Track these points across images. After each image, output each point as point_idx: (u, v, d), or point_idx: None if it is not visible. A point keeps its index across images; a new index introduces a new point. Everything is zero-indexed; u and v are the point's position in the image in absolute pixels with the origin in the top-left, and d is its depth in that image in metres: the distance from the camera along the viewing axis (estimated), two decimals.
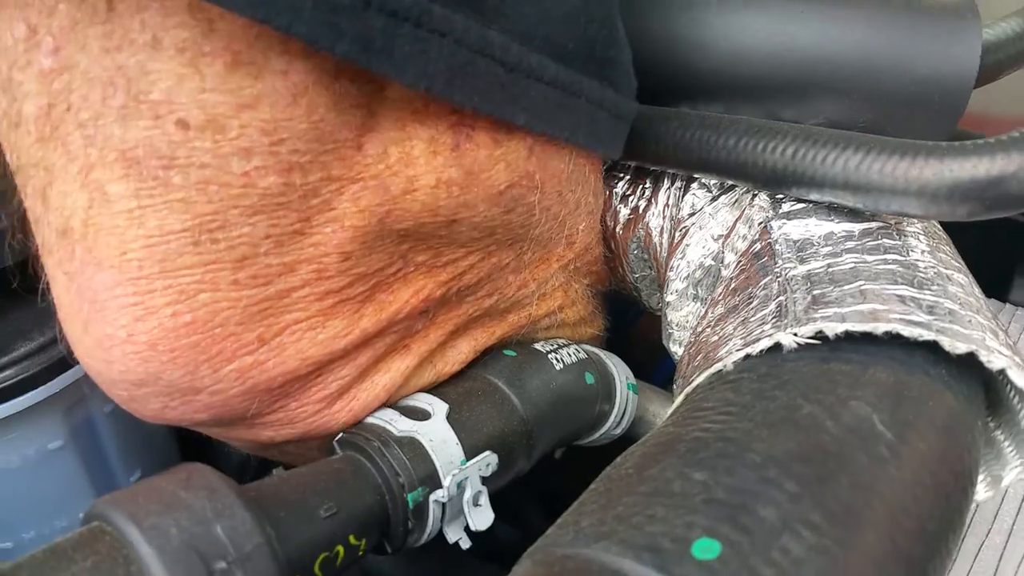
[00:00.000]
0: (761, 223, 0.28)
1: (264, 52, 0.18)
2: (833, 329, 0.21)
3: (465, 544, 0.26)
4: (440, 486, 0.25)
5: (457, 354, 0.30)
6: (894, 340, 0.21)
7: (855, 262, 0.24)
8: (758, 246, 0.27)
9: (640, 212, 0.34)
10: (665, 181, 0.33)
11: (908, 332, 0.20)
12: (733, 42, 0.29)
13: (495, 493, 0.27)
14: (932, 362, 0.21)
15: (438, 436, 0.26)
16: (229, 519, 0.19)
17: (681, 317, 0.32)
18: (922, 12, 0.27)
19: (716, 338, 0.25)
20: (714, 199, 0.31)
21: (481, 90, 0.20)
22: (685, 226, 0.32)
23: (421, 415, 0.27)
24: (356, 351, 0.25)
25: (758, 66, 0.29)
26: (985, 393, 0.23)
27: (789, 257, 0.25)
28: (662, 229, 0.33)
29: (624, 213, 0.34)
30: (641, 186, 0.34)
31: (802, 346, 0.21)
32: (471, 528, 0.26)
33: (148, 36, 0.18)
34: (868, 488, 0.17)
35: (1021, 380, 0.20)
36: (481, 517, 0.26)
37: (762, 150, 0.26)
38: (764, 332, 0.22)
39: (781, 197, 0.28)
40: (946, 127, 0.28)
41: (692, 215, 0.31)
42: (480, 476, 0.26)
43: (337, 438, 0.26)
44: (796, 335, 0.21)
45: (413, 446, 0.25)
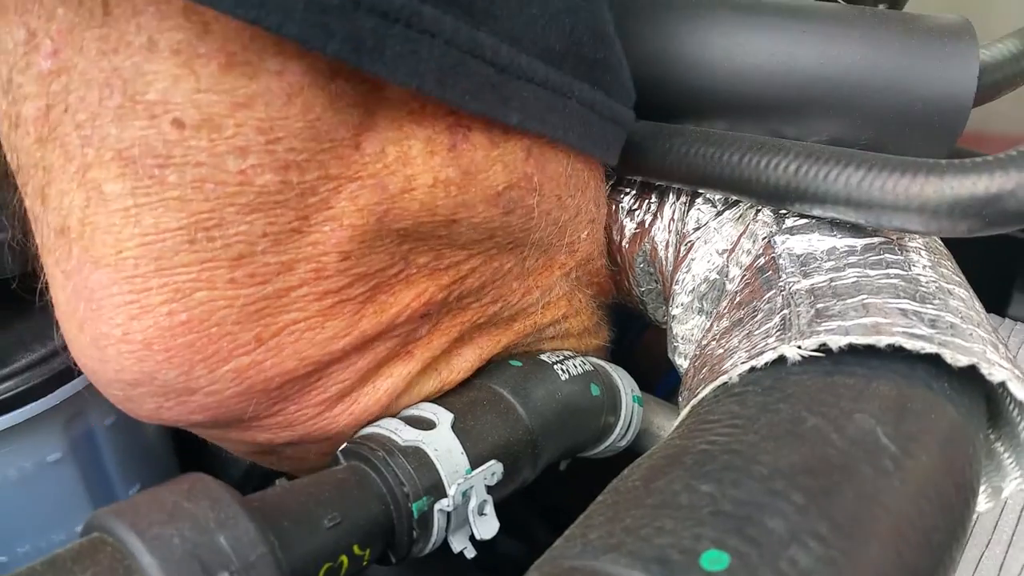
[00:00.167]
0: (765, 238, 0.28)
1: (259, 53, 0.18)
2: (837, 342, 0.21)
3: (470, 553, 0.26)
4: (445, 495, 0.25)
5: (462, 362, 0.30)
6: (896, 353, 0.21)
7: (858, 276, 0.24)
8: (762, 260, 0.28)
9: (646, 226, 0.34)
10: (671, 196, 0.33)
11: (910, 345, 0.20)
12: (736, 61, 0.29)
13: (499, 506, 0.27)
14: (934, 375, 0.21)
15: (443, 445, 0.26)
16: (232, 529, 0.19)
17: (686, 330, 0.32)
18: (921, 33, 0.28)
19: (721, 351, 0.25)
20: (719, 214, 0.31)
21: (472, 90, 0.20)
22: (690, 240, 0.32)
23: (426, 424, 0.27)
24: (356, 354, 0.25)
25: (760, 85, 0.29)
26: (985, 406, 0.23)
27: (793, 271, 0.26)
28: (668, 243, 0.33)
29: (630, 227, 0.35)
30: (647, 201, 0.34)
31: (806, 359, 0.21)
32: (476, 537, 0.26)
33: (144, 39, 0.18)
34: (873, 500, 0.17)
35: (1021, 393, 0.20)
36: (486, 526, 0.26)
37: (765, 166, 0.27)
38: (768, 345, 0.22)
39: (784, 213, 0.29)
40: (945, 145, 0.29)
41: (697, 230, 0.32)
42: (485, 485, 0.26)
43: (341, 448, 0.26)
44: (800, 348, 0.21)
45: (418, 455, 0.25)
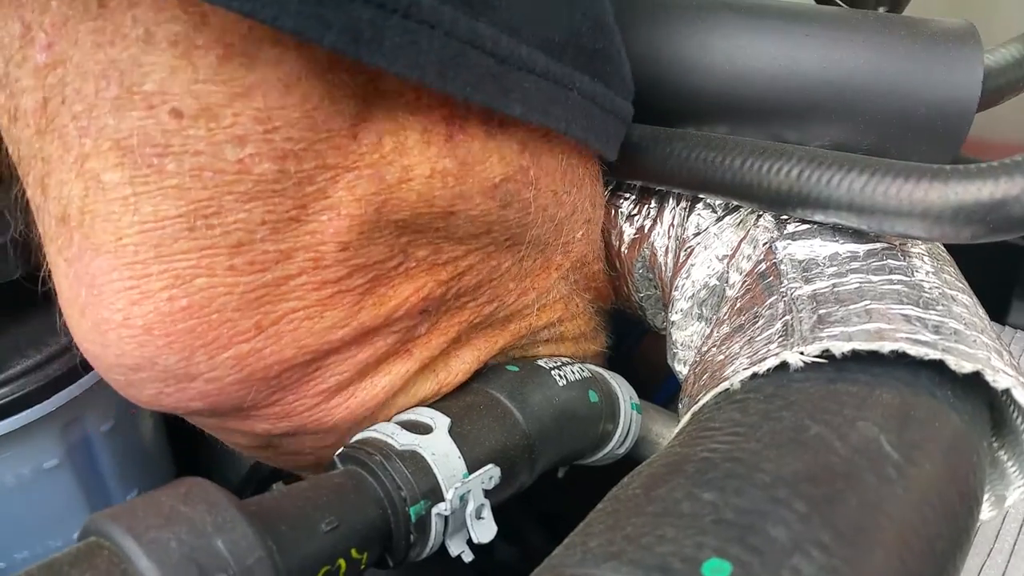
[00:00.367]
0: (766, 243, 0.28)
1: (257, 44, 0.18)
2: (840, 348, 0.21)
3: (467, 557, 0.26)
4: (442, 499, 0.25)
5: (460, 364, 0.30)
6: (899, 361, 0.21)
7: (860, 282, 0.24)
8: (763, 266, 0.27)
9: (645, 232, 0.34)
10: (670, 201, 0.33)
11: (914, 351, 0.20)
12: (738, 65, 0.29)
13: (497, 512, 0.27)
14: (937, 383, 0.21)
15: (440, 450, 0.26)
16: (230, 533, 0.19)
17: (686, 337, 0.32)
18: (925, 38, 0.28)
19: (722, 357, 0.25)
20: (719, 219, 0.31)
21: (473, 82, 0.20)
22: (690, 246, 0.32)
23: (423, 429, 0.26)
24: (355, 346, 0.25)
25: (762, 89, 0.29)
26: (989, 414, 0.23)
27: (794, 277, 0.25)
28: (667, 249, 0.33)
29: (629, 233, 0.34)
30: (646, 206, 0.34)
31: (808, 366, 0.21)
32: (474, 541, 0.26)
33: (140, 31, 0.18)
34: (877, 508, 0.17)
35: None
36: (484, 530, 0.26)
37: (767, 171, 0.26)
38: (770, 351, 0.22)
39: (786, 218, 0.29)
40: (949, 151, 0.28)
41: (697, 235, 0.32)
42: (483, 489, 0.26)
43: (338, 452, 0.26)
44: (803, 354, 0.21)
45: (415, 460, 0.25)
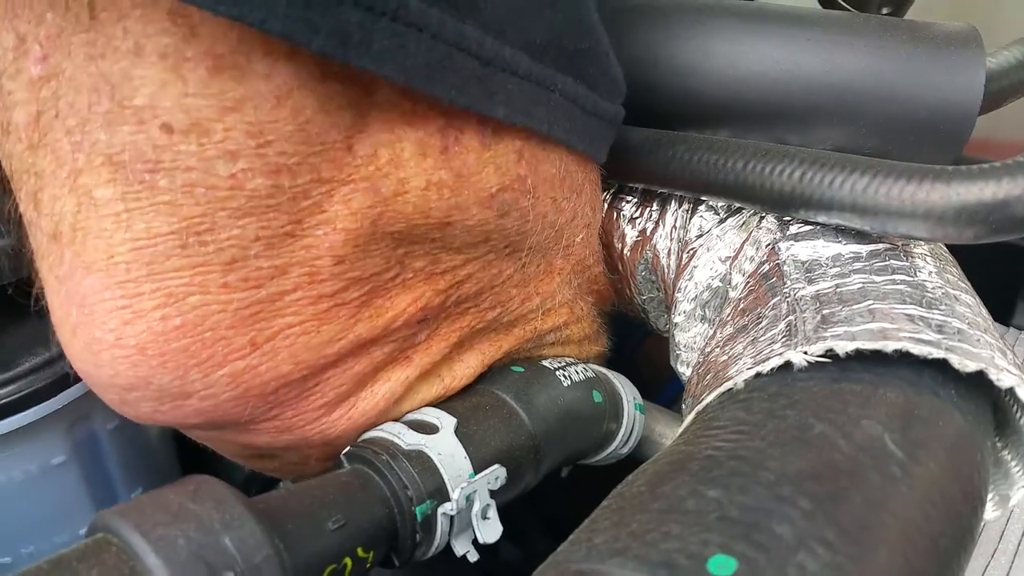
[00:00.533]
0: (769, 245, 0.28)
1: (247, 55, 0.18)
2: (843, 347, 0.21)
3: (473, 557, 0.26)
4: (448, 499, 0.25)
5: (465, 368, 0.30)
6: (903, 360, 0.21)
7: (863, 282, 0.24)
8: (766, 267, 0.28)
9: (648, 234, 0.34)
10: (673, 203, 0.33)
11: (918, 350, 0.20)
12: (741, 69, 0.29)
13: (502, 512, 0.27)
14: (941, 382, 0.21)
15: (446, 449, 0.26)
16: (238, 530, 0.19)
17: (689, 338, 0.32)
18: (927, 40, 0.28)
19: (725, 357, 0.25)
20: (721, 221, 0.31)
21: (458, 84, 0.20)
22: (693, 248, 0.32)
23: (429, 429, 0.27)
24: (352, 358, 0.25)
25: (765, 93, 0.29)
26: (992, 414, 0.23)
27: (798, 278, 0.26)
28: (670, 251, 0.33)
29: (632, 235, 0.35)
30: (649, 208, 0.34)
31: (812, 365, 0.21)
32: (479, 541, 0.26)
33: (131, 43, 0.18)
34: (881, 506, 0.17)
35: None
36: (490, 530, 0.26)
37: (770, 173, 0.27)
38: (774, 351, 0.22)
39: (788, 219, 0.29)
40: (951, 153, 0.29)
41: (700, 237, 0.32)
42: (488, 489, 0.26)
43: (344, 451, 0.26)
44: (807, 354, 0.21)
45: (421, 459, 0.25)
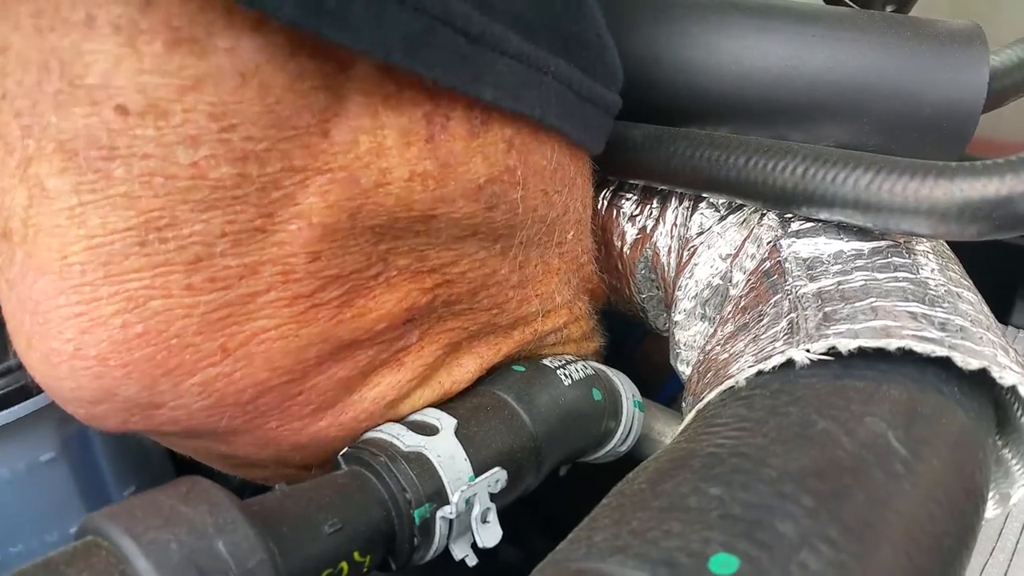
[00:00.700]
0: (770, 242, 0.28)
1: (207, 28, 0.16)
2: (846, 345, 0.21)
3: (472, 561, 0.26)
4: (448, 502, 0.25)
5: (464, 372, 0.29)
6: (906, 357, 0.21)
7: (865, 280, 0.24)
8: (767, 264, 0.27)
9: (648, 232, 0.34)
10: (673, 201, 0.33)
11: (921, 348, 0.20)
12: (744, 65, 0.29)
13: (500, 513, 0.27)
14: (943, 380, 0.21)
15: (446, 451, 0.25)
16: (231, 534, 0.19)
17: (689, 337, 0.32)
18: (931, 38, 0.28)
19: (726, 355, 0.24)
20: (722, 218, 0.31)
21: (443, 62, 0.19)
22: (693, 245, 0.32)
23: (429, 430, 0.26)
24: (335, 363, 0.23)
25: (768, 89, 0.29)
26: (994, 412, 0.23)
27: (799, 275, 0.25)
28: (670, 249, 0.33)
29: (631, 233, 0.34)
30: (649, 206, 0.34)
31: (814, 363, 0.21)
32: (479, 545, 0.26)
33: (81, 14, 0.16)
34: (884, 504, 0.17)
35: None
36: (489, 534, 0.26)
37: (771, 169, 0.26)
38: (776, 349, 0.22)
39: (790, 216, 0.28)
40: (954, 151, 0.28)
41: (700, 234, 0.31)
42: (489, 493, 0.26)
43: (342, 452, 0.26)
44: (809, 351, 0.21)
45: (420, 461, 0.25)
